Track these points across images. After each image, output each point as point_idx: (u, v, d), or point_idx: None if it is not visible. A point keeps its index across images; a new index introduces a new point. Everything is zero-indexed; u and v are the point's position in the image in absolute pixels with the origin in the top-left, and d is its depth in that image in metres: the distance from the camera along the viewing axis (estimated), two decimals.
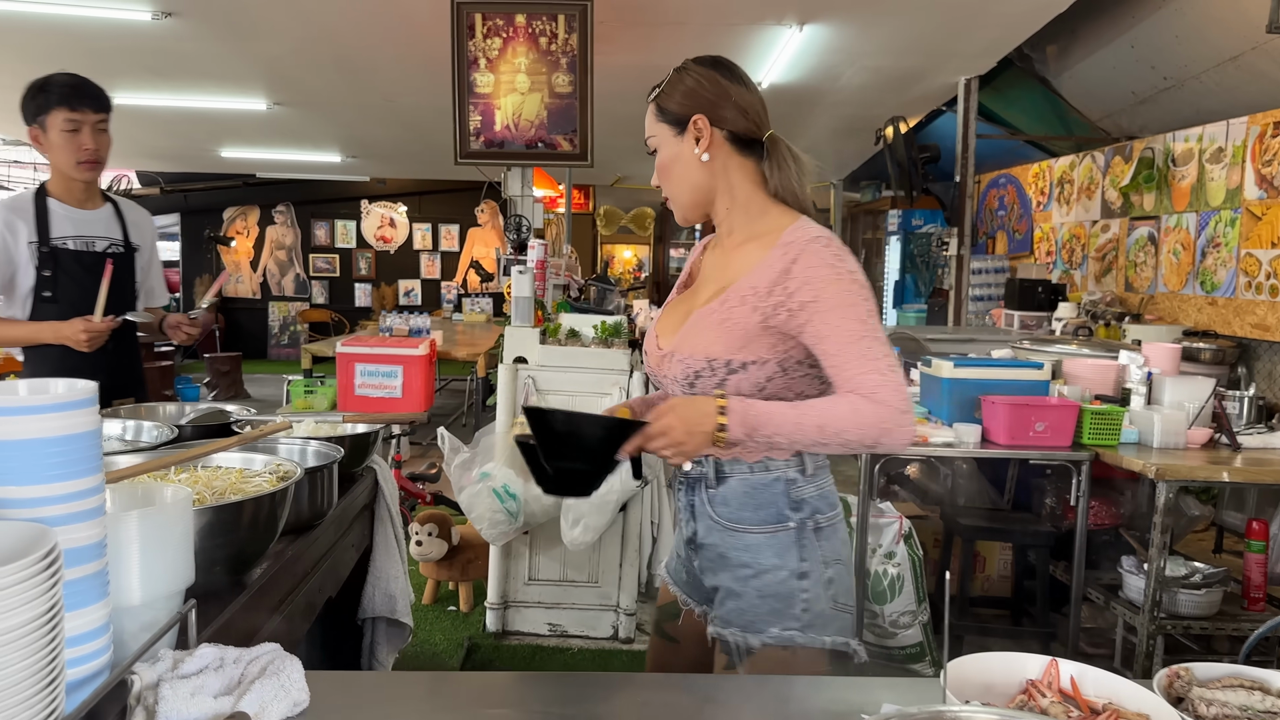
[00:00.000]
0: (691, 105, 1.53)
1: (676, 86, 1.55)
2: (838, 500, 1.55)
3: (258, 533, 1.37)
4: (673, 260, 12.97)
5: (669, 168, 1.57)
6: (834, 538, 1.51)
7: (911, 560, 3.29)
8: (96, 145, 2.52)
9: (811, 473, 1.50)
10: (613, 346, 3.44)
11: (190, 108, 7.72)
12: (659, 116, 1.57)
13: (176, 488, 1.18)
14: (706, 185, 1.56)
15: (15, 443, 0.94)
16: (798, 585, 1.46)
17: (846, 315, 1.39)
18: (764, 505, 1.48)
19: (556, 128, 4.91)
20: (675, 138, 1.54)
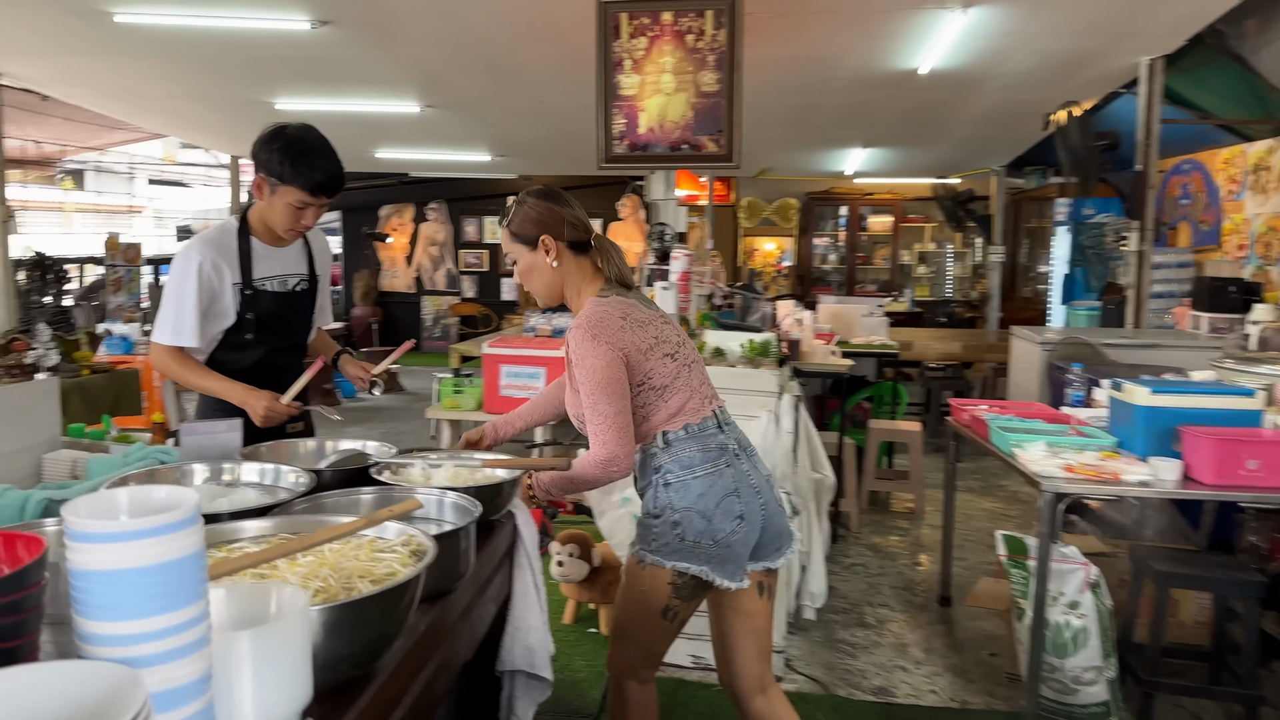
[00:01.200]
0: (537, 229, 2.10)
1: (524, 217, 2.11)
2: (699, 464, 2.04)
3: (387, 624, 1.26)
4: (816, 248, 12.56)
5: (529, 274, 2.15)
6: (684, 490, 2.04)
7: (1098, 611, 2.95)
8: (313, 223, 2.47)
9: (665, 446, 2.07)
10: (761, 366, 3.24)
11: (347, 111, 7.95)
12: (514, 239, 2.13)
13: (293, 592, 1.07)
14: (558, 281, 2.14)
15: (104, 574, 0.84)
16: (653, 522, 2.07)
17: (584, 389, 1.99)
18: (644, 474, 2.13)
19: (702, 128, 4.72)
20: (530, 253, 2.12)
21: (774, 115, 7.72)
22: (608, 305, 2.05)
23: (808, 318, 5.89)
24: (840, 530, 5.04)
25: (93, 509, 0.90)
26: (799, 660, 3.51)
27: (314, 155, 2.35)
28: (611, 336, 1.98)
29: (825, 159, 10.34)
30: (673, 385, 2.06)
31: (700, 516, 2.02)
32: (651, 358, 2.03)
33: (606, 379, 1.95)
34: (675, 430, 2.06)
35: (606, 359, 1.96)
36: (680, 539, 2.03)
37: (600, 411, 1.96)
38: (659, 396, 2.05)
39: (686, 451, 2.05)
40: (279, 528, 1.47)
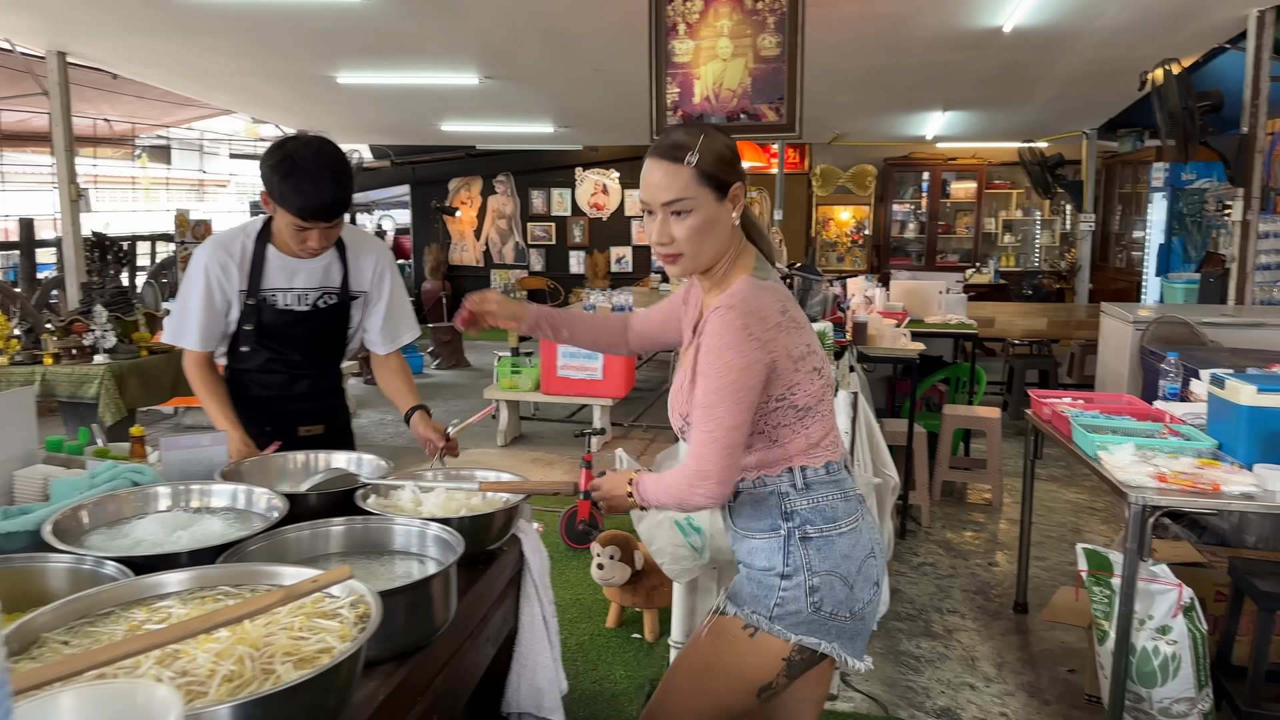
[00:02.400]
0: (732, 172, 1.63)
1: (716, 153, 1.62)
2: (843, 516, 1.67)
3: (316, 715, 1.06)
4: (895, 215, 12.04)
5: (707, 230, 1.63)
6: (828, 549, 1.65)
7: (1193, 637, 2.63)
8: (323, 243, 2.26)
9: (803, 487, 1.66)
10: None
11: (408, 84, 7.85)
12: (701, 180, 1.60)
13: (166, 696, 0.87)
14: (729, 245, 1.68)
15: None
16: (778, 583, 1.66)
17: (706, 385, 1.58)
18: (762, 515, 1.69)
19: (761, 96, 4.41)
20: (717, 202, 1.62)
21: (847, 78, 7.32)
22: (768, 292, 1.63)
23: (879, 296, 5.56)
24: (910, 525, 4.73)
25: None
26: (857, 676, 3.25)
27: (301, 178, 2.13)
28: (767, 334, 1.57)
29: (904, 123, 9.85)
30: (817, 408, 1.66)
31: (842, 583, 1.64)
32: (802, 369, 1.63)
33: (740, 384, 1.55)
34: (816, 467, 1.66)
35: (750, 360, 1.55)
36: (816, 608, 1.64)
37: (715, 419, 1.55)
38: (798, 418, 1.64)
39: (829, 498, 1.66)
40: (216, 579, 1.29)
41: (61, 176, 6.74)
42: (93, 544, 1.53)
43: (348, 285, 2.43)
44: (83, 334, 5.11)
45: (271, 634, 1.13)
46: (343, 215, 2.26)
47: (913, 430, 4.47)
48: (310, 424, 2.50)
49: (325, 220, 2.20)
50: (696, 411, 1.58)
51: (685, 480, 1.58)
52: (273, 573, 1.29)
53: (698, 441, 1.57)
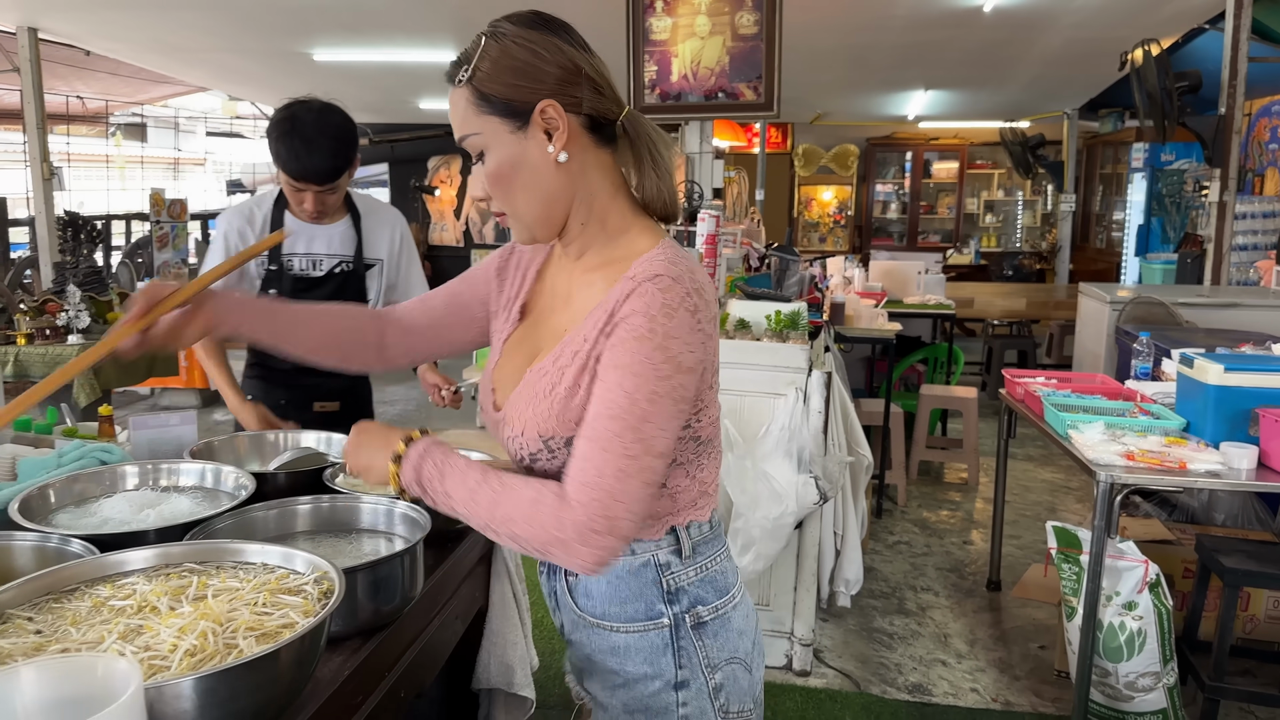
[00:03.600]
0: (534, 86, 1.11)
1: (502, 62, 1.11)
2: (733, 580, 1.26)
3: (277, 688, 1.07)
4: (877, 195, 12.05)
5: (510, 176, 1.14)
6: (725, 631, 1.22)
7: (1158, 613, 2.67)
8: (319, 206, 2.30)
9: (689, 553, 1.20)
10: (789, 340, 2.98)
11: (385, 61, 7.78)
12: (483, 107, 1.12)
13: (125, 670, 0.88)
14: (564, 193, 1.17)
15: None
16: (674, 698, 1.20)
17: (624, 384, 1.05)
18: (631, 598, 1.21)
19: (739, 75, 4.40)
20: (514, 134, 1.13)
21: (827, 57, 7.31)
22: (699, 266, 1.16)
23: (858, 276, 5.58)
24: (886, 505, 4.78)
25: None
26: (830, 652, 3.29)
27: (296, 139, 2.18)
28: (710, 327, 1.11)
29: (886, 102, 9.85)
30: (712, 442, 1.21)
31: (744, 669, 1.25)
32: (714, 385, 1.19)
33: (680, 391, 1.07)
34: (702, 522, 1.22)
35: (696, 359, 1.08)
36: (724, 714, 1.22)
37: (644, 438, 1.04)
38: (696, 455, 1.19)
39: (716, 560, 1.24)
40: (180, 556, 1.29)
41: (33, 155, 6.65)
42: (60, 522, 1.53)
43: (361, 254, 2.47)
44: (56, 314, 5.07)
45: (235, 609, 1.13)
46: (336, 182, 2.28)
47: (889, 410, 4.50)
48: (326, 400, 2.52)
49: (316, 184, 2.24)
50: (609, 426, 1.05)
51: (568, 519, 1.04)
52: (237, 550, 1.30)
53: (592, 474, 1.04)
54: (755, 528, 2.71)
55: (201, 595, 1.18)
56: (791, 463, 2.79)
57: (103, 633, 1.08)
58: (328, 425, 2.24)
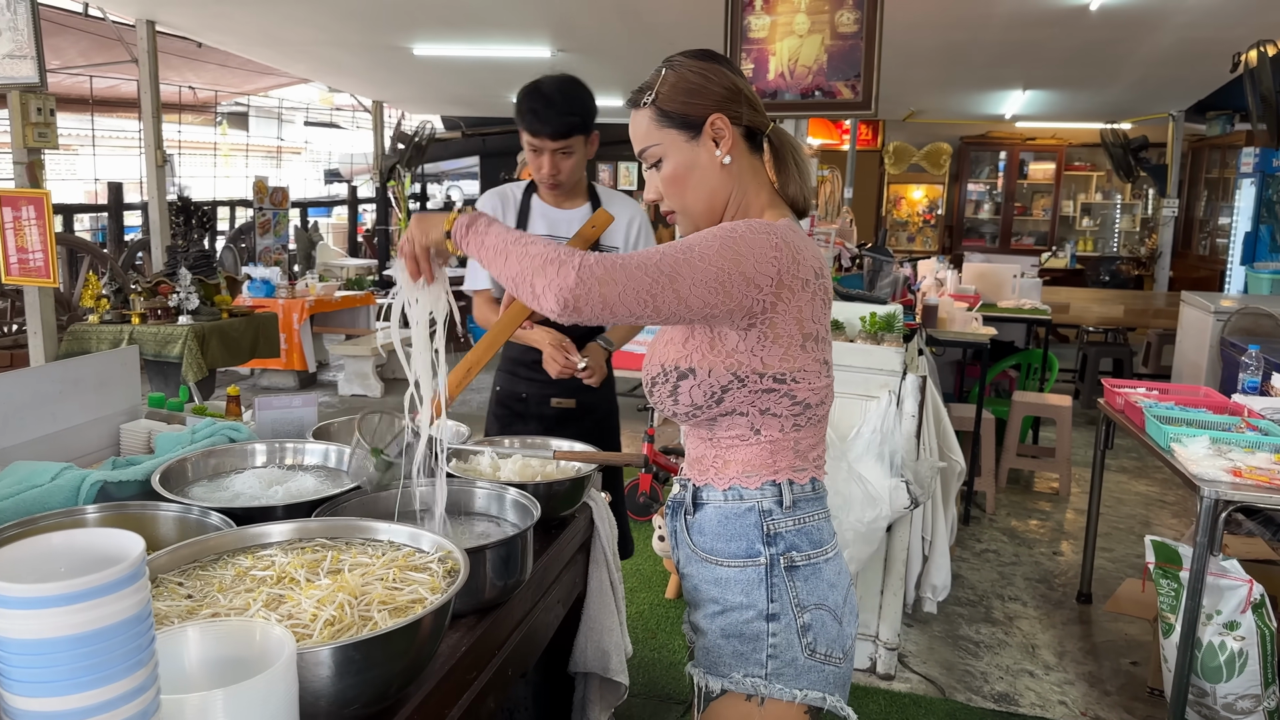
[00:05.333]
0: (705, 103, 1.38)
1: (679, 85, 1.39)
2: (828, 538, 1.42)
3: (407, 659, 1.13)
4: (969, 195, 11.80)
5: (684, 177, 1.41)
6: (816, 579, 1.38)
7: (1261, 634, 2.59)
8: (555, 169, 2.38)
9: (790, 505, 1.38)
10: (883, 342, 2.97)
11: (482, 56, 7.92)
12: (663, 122, 1.40)
13: (280, 636, 0.95)
14: (725, 190, 1.42)
15: (24, 643, 0.73)
16: (764, 628, 1.36)
17: (691, 239, 1.27)
18: (736, 536, 1.39)
19: (837, 73, 4.37)
20: (689, 142, 1.39)
21: (925, 55, 7.19)
22: (811, 243, 1.36)
23: (950, 279, 5.49)
24: (974, 512, 4.70)
25: (21, 562, 0.79)
26: (914, 657, 3.27)
27: (536, 98, 2.31)
28: (791, 279, 1.28)
29: (982, 101, 9.63)
30: (815, 411, 1.38)
31: (833, 618, 1.38)
32: (811, 352, 1.35)
33: (726, 277, 1.23)
34: (803, 483, 1.39)
35: (760, 272, 1.25)
36: (811, 652, 1.36)
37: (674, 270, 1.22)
38: (793, 414, 1.35)
39: (815, 518, 1.40)
40: (315, 531, 1.37)
41: (148, 142, 6.96)
42: (195, 495, 1.63)
43: (599, 240, 2.48)
44: (168, 295, 5.31)
45: (368, 584, 1.21)
46: (569, 140, 2.34)
47: (980, 416, 4.43)
48: (564, 397, 2.55)
49: (550, 138, 2.31)
50: (664, 249, 1.25)
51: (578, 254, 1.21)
52: (367, 527, 1.37)
53: (636, 262, 1.21)
54: (849, 530, 2.70)
55: (336, 569, 1.25)
56: (883, 466, 2.78)
57: (248, 600, 1.16)
58: (562, 422, 2.43)
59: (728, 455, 1.39)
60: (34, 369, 1.85)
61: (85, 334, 5.13)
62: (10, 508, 1.44)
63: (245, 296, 6.60)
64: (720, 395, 1.34)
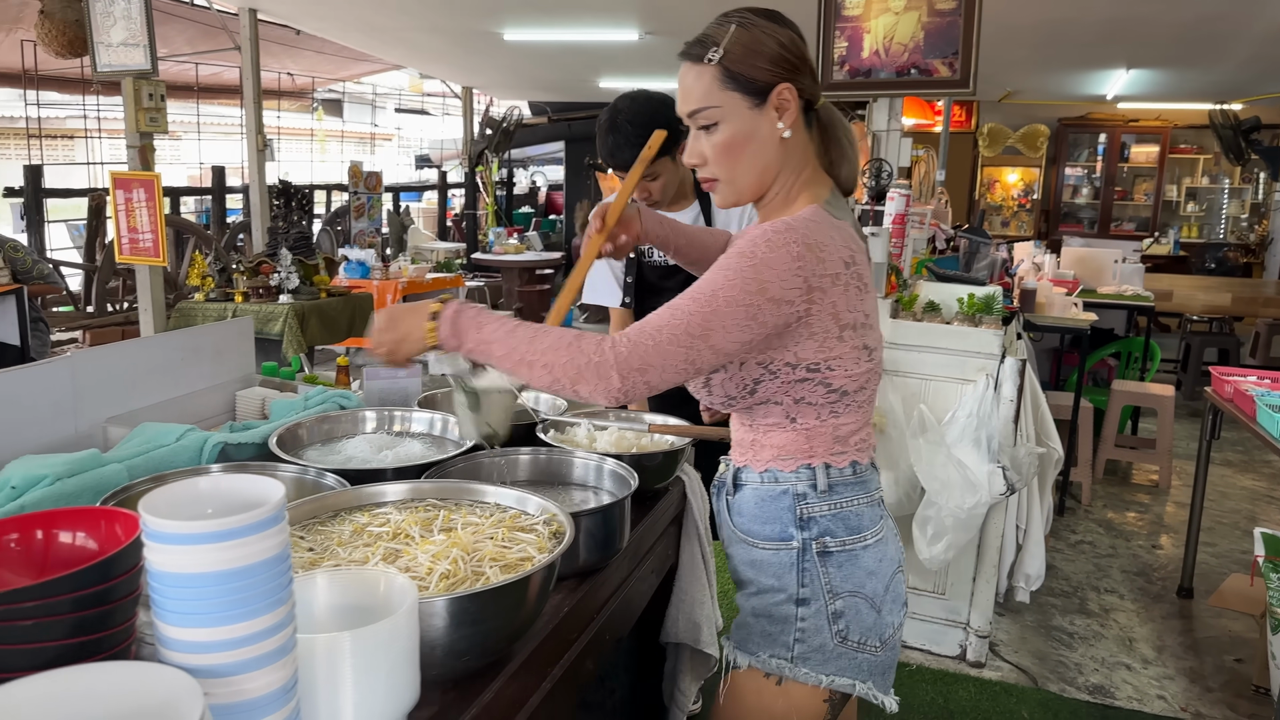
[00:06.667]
0: (776, 70, 1.29)
1: (751, 47, 1.28)
2: (868, 525, 1.37)
3: (517, 615, 1.17)
4: (1066, 179, 11.41)
5: (740, 147, 1.30)
6: (852, 565, 1.35)
7: None
8: (645, 193, 2.30)
9: (825, 489, 1.34)
10: (981, 324, 2.91)
11: (570, 40, 7.97)
12: (727, 84, 1.28)
13: (403, 585, 0.99)
14: (777, 164, 1.33)
15: (176, 576, 0.78)
16: (793, 611, 1.35)
17: (714, 280, 1.21)
18: (771, 519, 1.37)
19: (934, 51, 4.28)
20: (751, 110, 1.29)
21: (1024, 33, 6.97)
22: (838, 231, 1.29)
23: (1049, 263, 5.34)
24: (1069, 502, 4.58)
25: (174, 503, 0.84)
26: (1006, 646, 3.21)
27: (609, 132, 2.22)
28: (819, 279, 1.23)
29: (1082, 81, 9.29)
30: (855, 396, 1.34)
31: (869, 606, 1.36)
32: (848, 341, 1.29)
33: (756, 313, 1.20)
34: (841, 467, 1.35)
35: (785, 293, 1.21)
36: (842, 639, 1.35)
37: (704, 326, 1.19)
38: (829, 402, 1.32)
39: (854, 503, 1.36)
40: (427, 492, 1.41)
41: (250, 127, 7.21)
42: (310, 457, 1.70)
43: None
44: (269, 275, 5.51)
45: (479, 541, 1.24)
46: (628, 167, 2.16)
47: (1079, 404, 4.30)
48: None
49: (623, 167, 2.21)
50: (687, 304, 1.20)
51: (609, 349, 1.19)
52: (476, 490, 1.41)
53: (667, 333, 1.18)
54: (948, 516, 2.67)
55: (448, 527, 1.29)
56: (980, 451, 2.73)
57: (366, 554, 1.21)
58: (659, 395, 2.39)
59: (764, 439, 1.37)
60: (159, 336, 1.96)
61: (192, 311, 5.35)
62: (141, 464, 1.52)
63: (342, 277, 6.80)
64: (753, 387, 1.31)
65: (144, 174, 4.98)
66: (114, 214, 4.99)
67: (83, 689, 0.73)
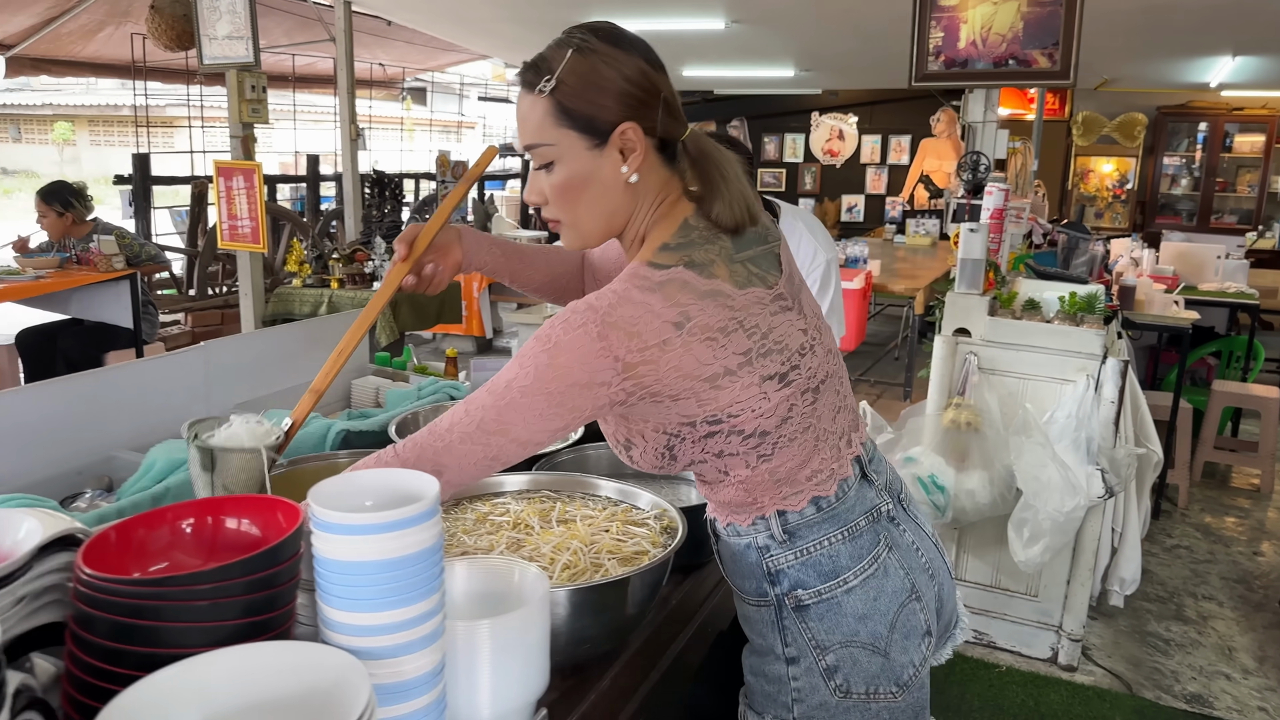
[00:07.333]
0: (618, 107, 1.11)
1: (589, 79, 1.10)
2: (848, 565, 1.19)
3: (635, 606, 1.21)
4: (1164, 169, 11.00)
5: (578, 189, 1.14)
6: (835, 615, 1.19)
7: None
8: None
9: (784, 538, 1.19)
10: (1082, 324, 2.85)
11: (656, 30, 7.98)
12: (562, 120, 1.11)
13: (536, 576, 1.03)
14: (626, 209, 1.17)
15: (342, 564, 0.84)
16: (785, 671, 1.22)
17: (510, 369, 1.08)
18: (745, 574, 1.24)
19: (1033, 41, 4.18)
20: (590, 150, 1.12)
21: (1124, 20, 6.74)
22: (659, 293, 1.09)
23: (1147, 258, 5.19)
24: (1165, 505, 4.46)
25: (337, 494, 0.90)
26: (1099, 650, 3.15)
27: None
28: (635, 355, 1.06)
29: (1183, 68, 8.94)
30: (778, 432, 1.15)
31: (870, 653, 1.20)
32: (731, 385, 1.10)
33: (557, 396, 1.06)
34: (800, 509, 1.19)
35: (592, 377, 1.06)
36: (844, 693, 1.20)
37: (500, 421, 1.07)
38: (752, 448, 1.15)
39: (825, 545, 1.19)
40: (543, 484, 1.47)
41: (344, 116, 7.40)
42: None
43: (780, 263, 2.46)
44: (364, 262, 5.67)
45: (596, 534, 1.29)
46: None
47: (1178, 404, 4.18)
48: None
49: None
50: (482, 397, 1.09)
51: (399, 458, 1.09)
52: (590, 483, 1.46)
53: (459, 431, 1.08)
54: (1046, 519, 2.63)
55: (565, 519, 1.34)
56: (1078, 453, 2.69)
57: (491, 542, 1.27)
58: None
59: (714, 496, 1.25)
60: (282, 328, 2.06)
61: (289, 297, 5.54)
62: None
63: None
64: (669, 454, 1.17)
65: (245, 163, 5.16)
66: (216, 201, 5.19)
67: (262, 665, 0.80)
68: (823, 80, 11.14)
